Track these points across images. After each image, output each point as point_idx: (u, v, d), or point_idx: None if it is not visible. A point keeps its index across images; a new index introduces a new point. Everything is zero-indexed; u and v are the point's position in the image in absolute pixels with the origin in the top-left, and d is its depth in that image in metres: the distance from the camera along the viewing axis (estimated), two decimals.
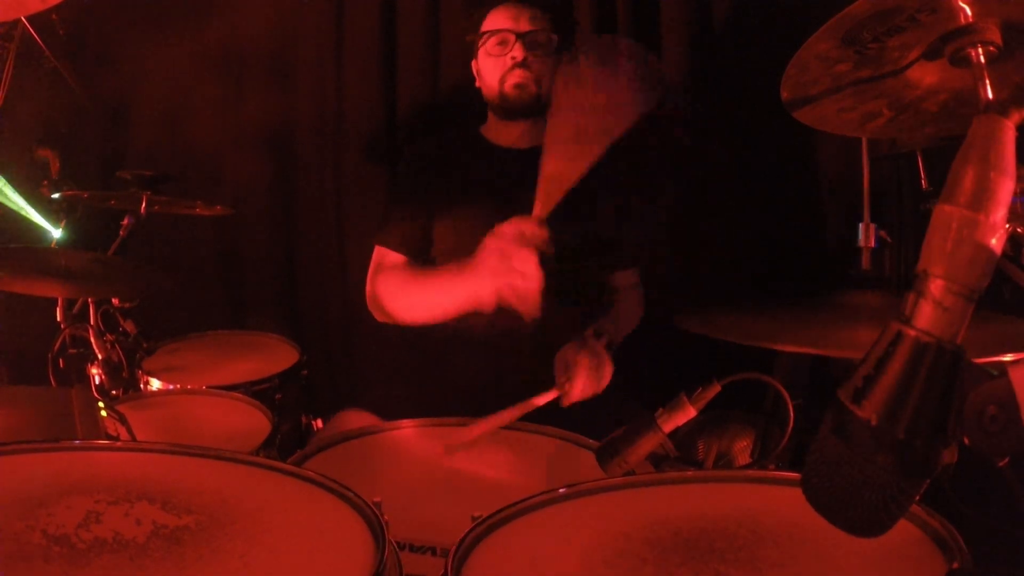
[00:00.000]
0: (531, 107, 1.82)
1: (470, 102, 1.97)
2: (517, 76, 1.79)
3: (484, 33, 1.83)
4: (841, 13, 0.89)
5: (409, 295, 1.77)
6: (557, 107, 1.50)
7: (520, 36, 1.78)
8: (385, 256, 1.88)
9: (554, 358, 1.63)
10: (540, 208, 1.43)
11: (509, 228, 1.42)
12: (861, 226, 1.62)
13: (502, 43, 1.80)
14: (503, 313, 1.65)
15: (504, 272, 1.40)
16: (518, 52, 1.77)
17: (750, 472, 1.15)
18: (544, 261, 1.39)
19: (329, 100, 2.63)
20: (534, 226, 1.41)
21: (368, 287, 1.88)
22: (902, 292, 0.72)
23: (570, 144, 1.43)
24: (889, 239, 1.67)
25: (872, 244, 1.61)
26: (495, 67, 1.82)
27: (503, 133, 1.91)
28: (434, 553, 1.06)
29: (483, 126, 1.98)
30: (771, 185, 2.26)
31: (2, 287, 1.77)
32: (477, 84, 1.91)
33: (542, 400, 1.48)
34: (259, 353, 2.23)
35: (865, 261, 1.60)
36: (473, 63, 1.91)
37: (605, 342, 1.69)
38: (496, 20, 1.82)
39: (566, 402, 1.54)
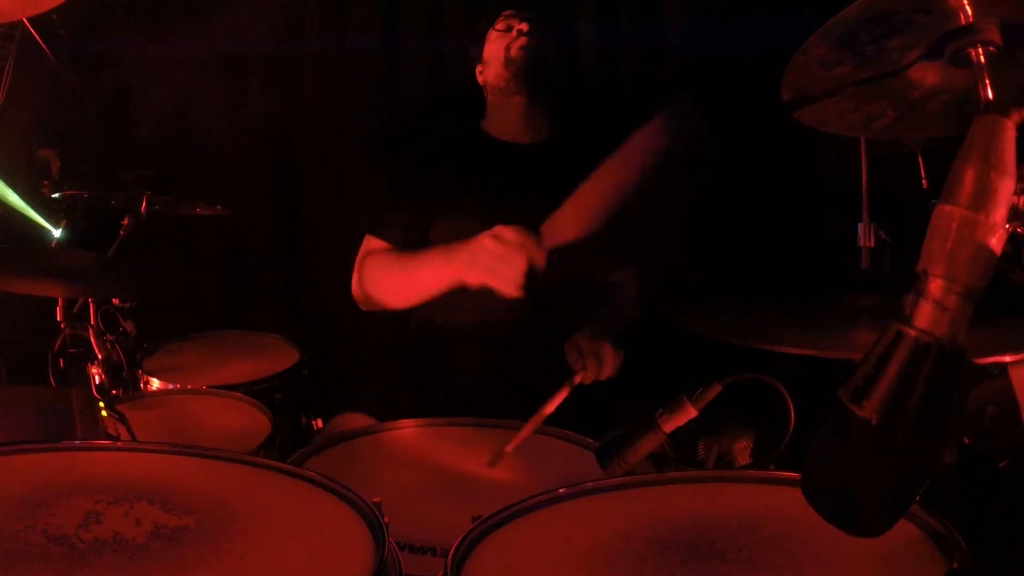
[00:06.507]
0: (537, 74, 1.86)
1: (471, 99, 1.99)
2: (523, 41, 1.87)
3: (492, 23, 1.92)
4: (835, 17, 0.89)
5: (394, 276, 1.79)
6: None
7: (522, 15, 1.88)
8: (371, 244, 1.90)
9: (551, 358, 1.65)
10: (548, 240, 1.42)
11: (513, 236, 1.42)
12: (860, 226, 1.62)
13: (507, 27, 1.90)
14: (500, 309, 1.64)
15: (492, 273, 1.43)
16: (524, 26, 1.87)
17: (750, 472, 1.15)
18: (531, 276, 1.41)
19: (329, 100, 2.63)
20: (536, 248, 1.41)
21: (354, 275, 1.89)
22: (902, 292, 0.72)
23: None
24: (888, 239, 1.67)
25: (871, 243, 1.61)
26: (501, 41, 1.90)
27: (504, 123, 1.93)
28: (434, 553, 1.06)
29: (483, 120, 2.00)
30: (771, 185, 2.26)
31: (2, 287, 1.76)
32: (481, 81, 1.96)
33: (553, 406, 1.48)
34: (259, 353, 2.23)
35: (864, 260, 1.60)
36: (477, 68, 1.97)
37: (614, 330, 1.72)
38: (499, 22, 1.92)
39: (587, 382, 1.58)
